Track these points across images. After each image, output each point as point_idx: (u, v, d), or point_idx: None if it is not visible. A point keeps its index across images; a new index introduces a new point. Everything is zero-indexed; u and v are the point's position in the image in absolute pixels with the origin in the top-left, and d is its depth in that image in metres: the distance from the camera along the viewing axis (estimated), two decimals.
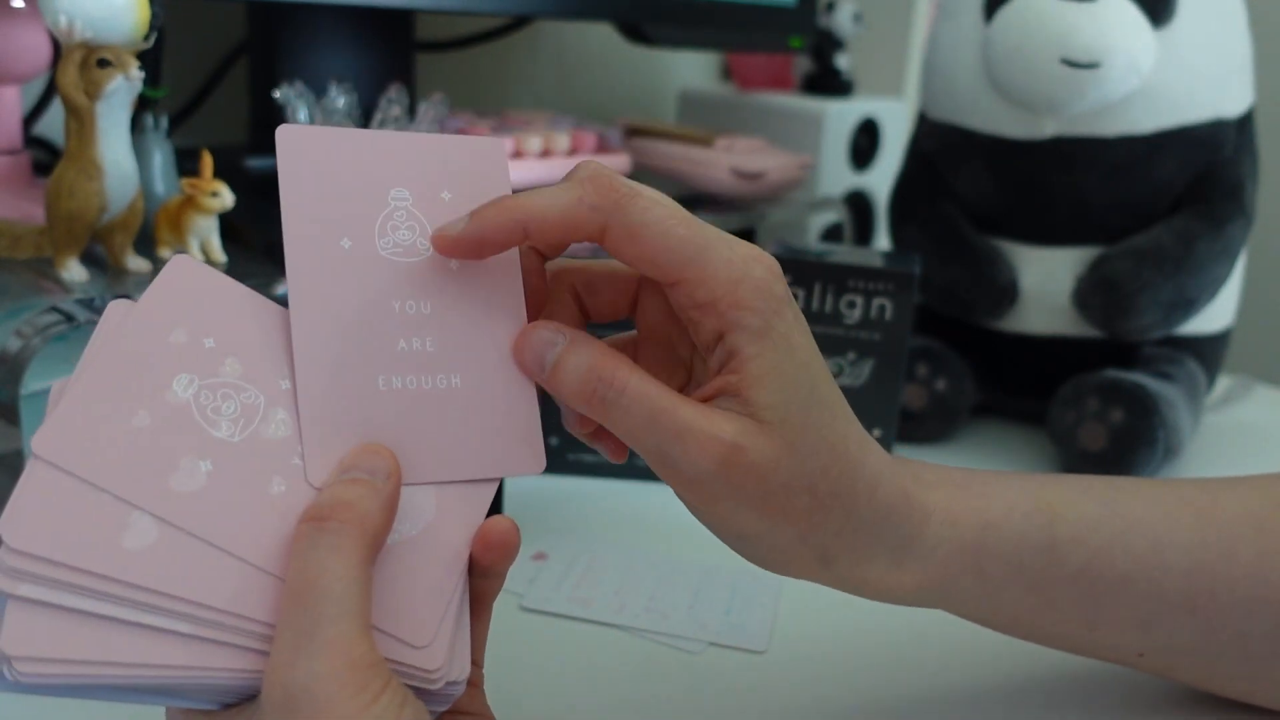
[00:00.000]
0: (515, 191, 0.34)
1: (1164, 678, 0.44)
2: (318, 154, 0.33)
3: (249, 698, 0.29)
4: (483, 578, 0.33)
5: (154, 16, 0.49)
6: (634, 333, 0.37)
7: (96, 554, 0.27)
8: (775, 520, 0.34)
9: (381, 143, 0.34)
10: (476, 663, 0.34)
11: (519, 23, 0.96)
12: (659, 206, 0.32)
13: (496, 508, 0.36)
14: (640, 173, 0.85)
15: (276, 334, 0.31)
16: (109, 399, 0.29)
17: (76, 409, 0.28)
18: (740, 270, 0.32)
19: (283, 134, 0.32)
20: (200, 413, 0.29)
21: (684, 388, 0.36)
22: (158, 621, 0.27)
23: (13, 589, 0.26)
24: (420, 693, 0.30)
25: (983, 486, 0.39)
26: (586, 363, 0.32)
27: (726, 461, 0.32)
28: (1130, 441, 0.65)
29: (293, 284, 0.32)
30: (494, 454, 0.33)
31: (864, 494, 0.36)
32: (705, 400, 0.33)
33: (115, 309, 0.31)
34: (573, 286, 0.36)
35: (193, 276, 0.32)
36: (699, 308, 0.33)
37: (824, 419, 0.34)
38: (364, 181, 0.33)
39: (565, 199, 0.32)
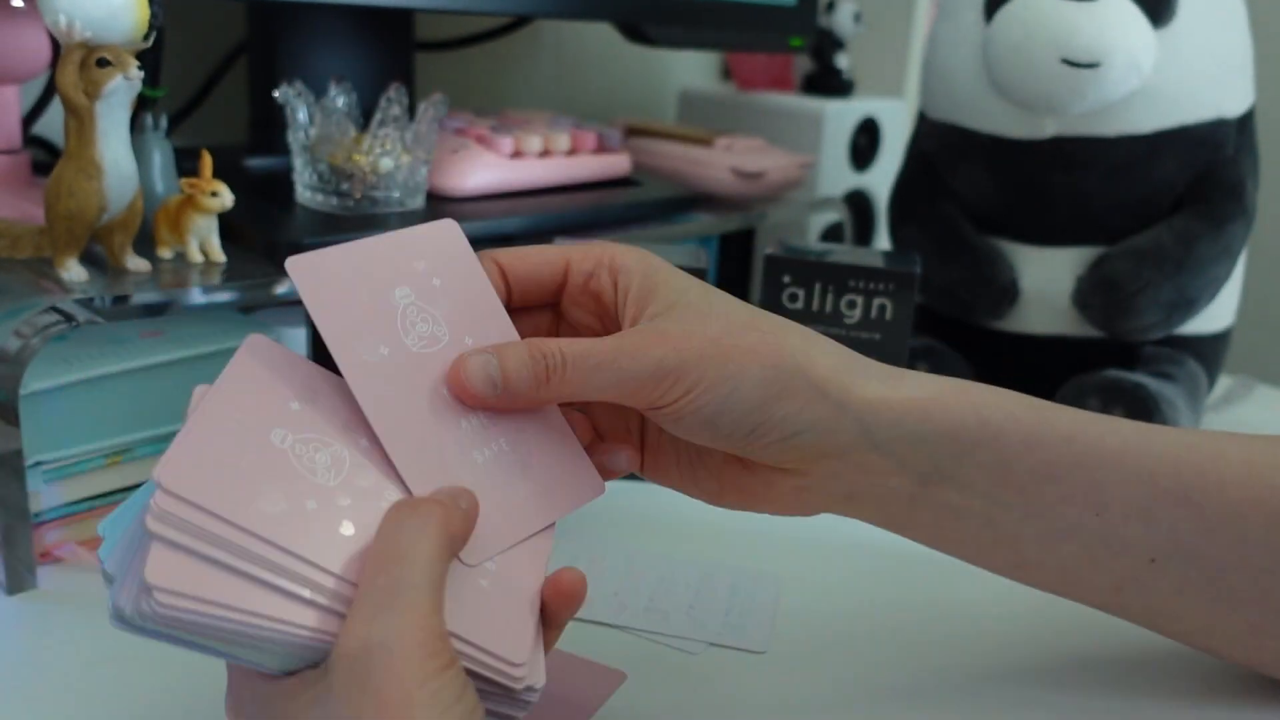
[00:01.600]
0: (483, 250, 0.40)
1: (1177, 620, 0.43)
2: (328, 276, 0.36)
3: (311, 665, 0.31)
4: (545, 628, 0.35)
5: (154, 16, 0.49)
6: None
7: (237, 508, 0.30)
8: (740, 361, 0.37)
9: (369, 251, 0.37)
10: None
11: (519, 23, 0.96)
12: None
13: None
14: (640, 172, 0.85)
15: (343, 399, 0.35)
16: (219, 441, 0.32)
17: (190, 447, 0.32)
18: (611, 245, 0.40)
19: (293, 266, 0.36)
20: (298, 461, 0.33)
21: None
22: (276, 580, 0.30)
23: (161, 531, 0.29)
24: (501, 694, 0.32)
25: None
26: (524, 352, 0.36)
27: (659, 342, 0.36)
28: None
29: (360, 399, 0.35)
30: (558, 495, 0.38)
31: (814, 336, 0.39)
32: None
33: (198, 392, 0.34)
34: (499, 267, 0.40)
35: (271, 354, 0.36)
36: (591, 275, 0.39)
37: (724, 297, 0.39)
38: (372, 291, 0.37)
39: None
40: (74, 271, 0.52)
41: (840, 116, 1.00)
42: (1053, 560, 0.41)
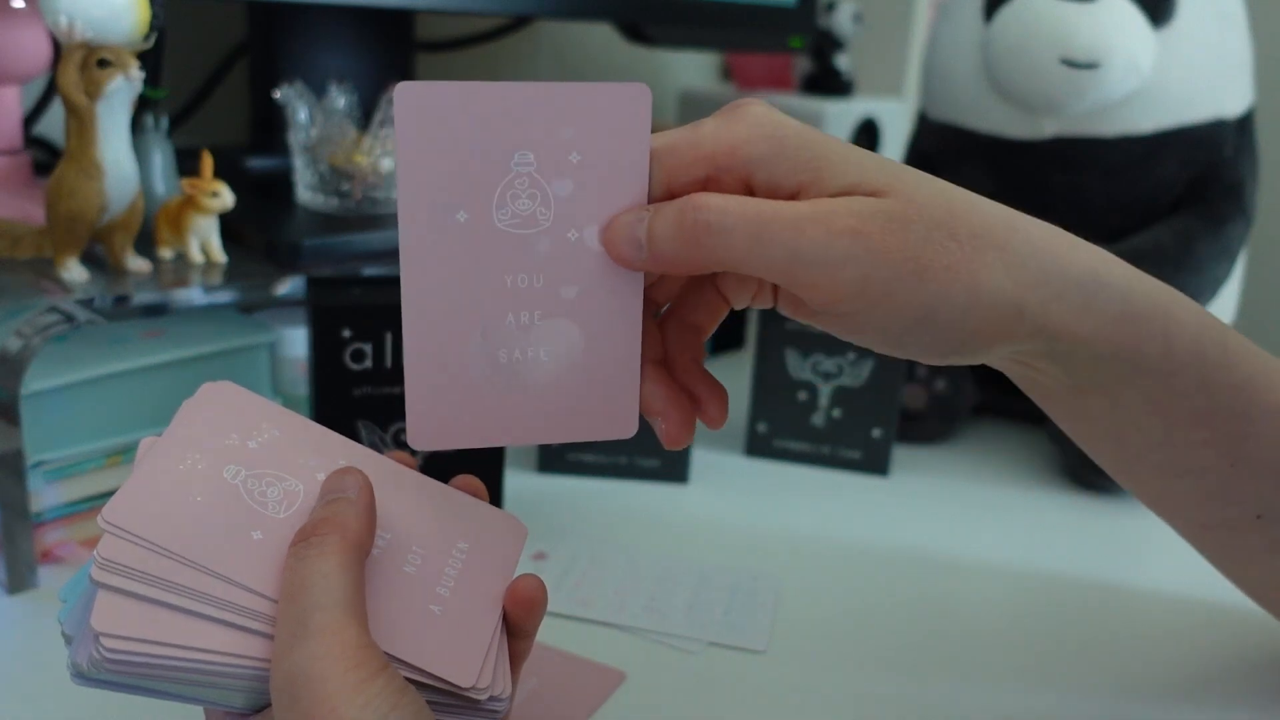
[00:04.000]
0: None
1: (1254, 567, 0.42)
2: (437, 115, 0.31)
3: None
4: (513, 638, 0.34)
5: (154, 16, 0.50)
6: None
7: (178, 539, 0.30)
8: (940, 281, 0.31)
9: (508, 97, 0.31)
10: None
11: (519, 23, 0.96)
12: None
13: (496, 504, 0.37)
14: None
15: (306, 436, 0.35)
16: (165, 480, 0.32)
17: (136, 488, 0.31)
18: (716, 129, 0.32)
19: (401, 93, 0.31)
20: (249, 495, 0.32)
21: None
22: (222, 615, 0.30)
23: (105, 579, 0.29)
24: (465, 706, 0.32)
25: (1133, 268, 0.36)
26: (675, 207, 0.31)
27: (856, 229, 0.30)
28: None
29: (405, 259, 0.31)
30: (588, 419, 0.34)
31: (1013, 230, 0.33)
32: None
33: (149, 443, 0.33)
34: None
35: (231, 396, 0.35)
36: (711, 180, 0.32)
37: (910, 176, 0.32)
38: (485, 146, 0.31)
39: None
40: (74, 272, 0.52)
41: (840, 116, 1.00)
42: (1160, 487, 0.40)
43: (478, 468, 0.50)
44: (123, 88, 0.49)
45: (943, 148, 0.75)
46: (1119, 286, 0.34)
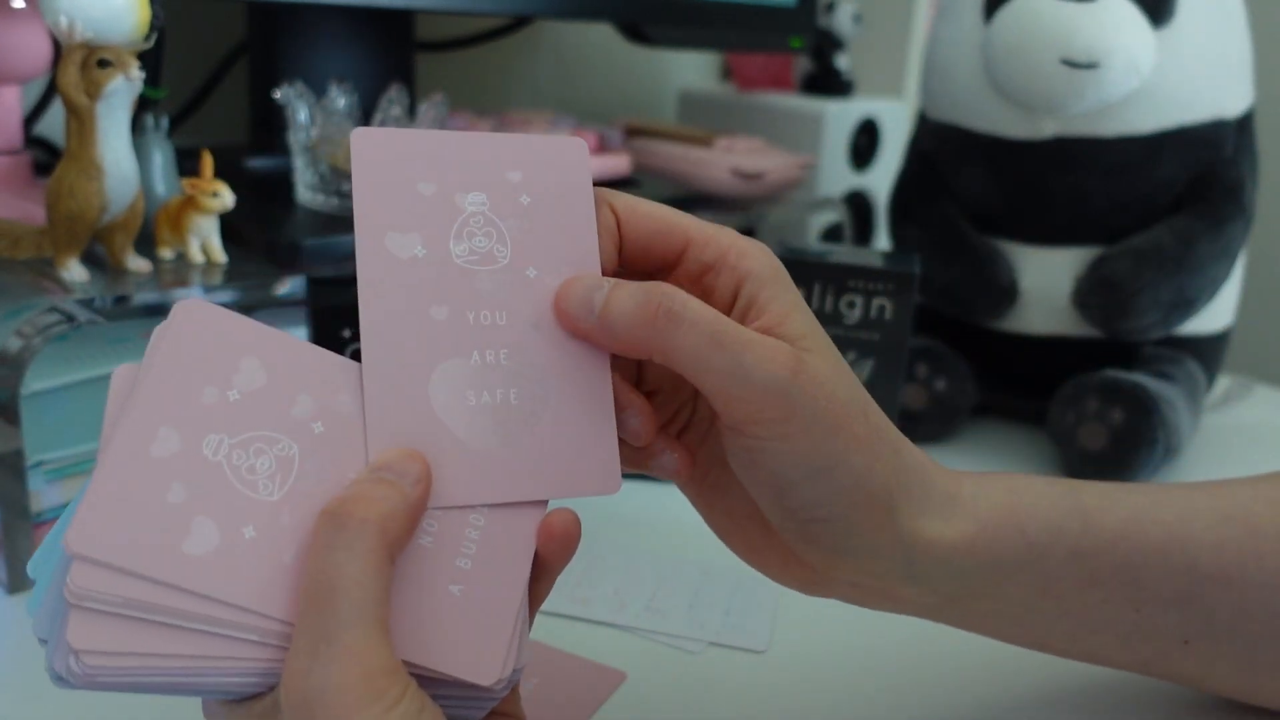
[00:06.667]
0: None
1: (1206, 684, 0.42)
2: (392, 158, 0.32)
3: (269, 689, 0.29)
4: (536, 581, 0.32)
5: (154, 16, 0.50)
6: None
7: (161, 560, 0.27)
8: (846, 442, 0.33)
9: (457, 145, 0.33)
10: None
11: (519, 23, 0.96)
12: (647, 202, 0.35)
13: None
14: (640, 172, 0.85)
15: (291, 368, 0.30)
16: (137, 476, 0.28)
17: (105, 493, 0.28)
18: (737, 235, 0.35)
19: (357, 138, 0.32)
20: (235, 475, 0.29)
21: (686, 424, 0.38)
22: (213, 629, 0.28)
23: (81, 603, 0.27)
24: (475, 688, 0.30)
25: (983, 474, 0.39)
26: (642, 290, 0.32)
27: (795, 368, 0.32)
28: (1130, 441, 0.65)
29: (363, 295, 0.31)
30: (567, 473, 0.32)
31: (904, 441, 0.36)
32: None
33: (123, 375, 0.30)
34: (615, 217, 0.35)
35: (206, 322, 0.30)
36: (710, 269, 0.34)
37: (843, 360, 0.35)
38: (439, 186, 0.32)
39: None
40: (75, 272, 0.52)
41: (840, 116, 1.00)
42: (1081, 648, 0.40)
43: None
44: (123, 88, 0.49)
45: (942, 148, 0.75)
46: (969, 497, 0.37)
